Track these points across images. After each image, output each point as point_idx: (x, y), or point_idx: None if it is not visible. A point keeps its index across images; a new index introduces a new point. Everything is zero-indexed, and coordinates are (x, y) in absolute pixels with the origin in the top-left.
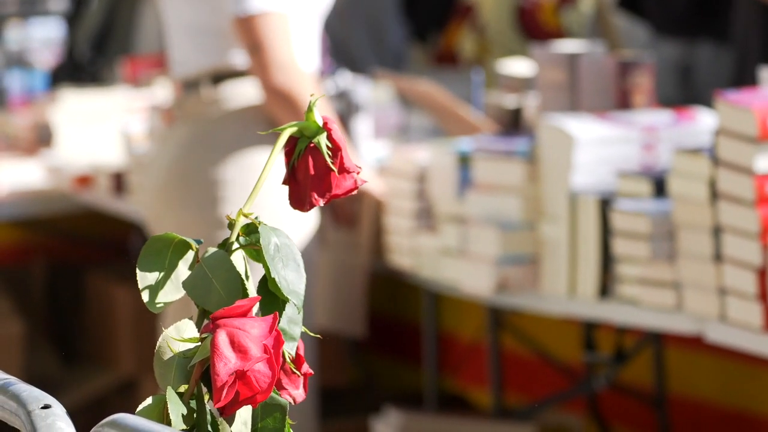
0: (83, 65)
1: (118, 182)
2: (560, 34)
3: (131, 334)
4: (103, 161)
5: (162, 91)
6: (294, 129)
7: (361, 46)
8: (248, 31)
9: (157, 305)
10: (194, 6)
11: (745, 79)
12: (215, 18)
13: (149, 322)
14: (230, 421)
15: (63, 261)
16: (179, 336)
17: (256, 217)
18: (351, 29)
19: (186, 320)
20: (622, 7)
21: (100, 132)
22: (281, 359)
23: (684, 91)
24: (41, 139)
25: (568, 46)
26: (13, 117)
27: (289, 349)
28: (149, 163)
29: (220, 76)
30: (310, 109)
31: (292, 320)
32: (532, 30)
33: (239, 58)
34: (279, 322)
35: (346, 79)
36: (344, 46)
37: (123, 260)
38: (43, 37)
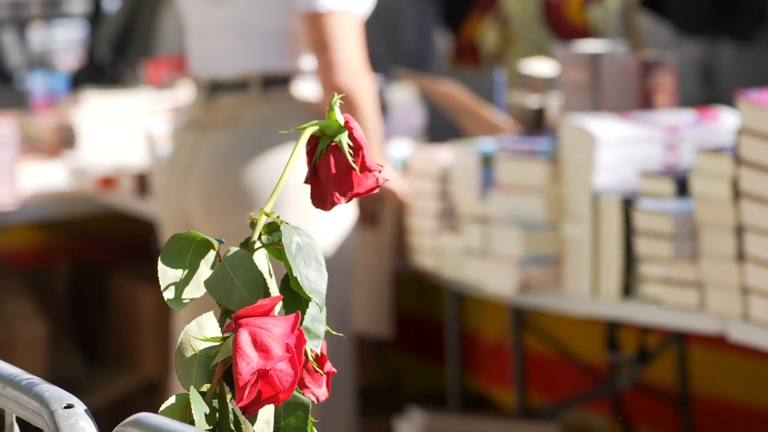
0: (104, 67)
1: (142, 183)
2: (586, 30)
3: (154, 335)
4: (127, 163)
5: (184, 93)
6: (315, 128)
7: (378, 47)
8: (318, 28)
9: (182, 302)
10: (249, 6)
11: None
12: (276, 17)
13: None
14: (253, 420)
15: (86, 262)
16: (201, 335)
17: (278, 216)
18: (368, 30)
19: (208, 315)
20: (644, 6)
21: (123, 133)
22: (304, 358)
23: (706, 91)
24: (64, 140)
25: (590, 46)
26: (36, 119)
27: (314, 347)
28: (179, 164)
29: (272, 80)
30: (331, 108)
31: (315, 318)
32: (558, 25)
33: (294, 62)
34: (302, 321)
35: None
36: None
37: (146, 261)
38: (66, 40)
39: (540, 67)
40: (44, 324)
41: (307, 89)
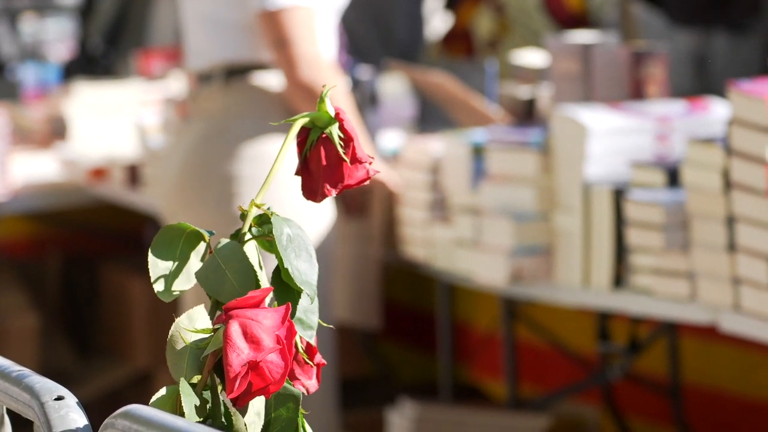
0: (96, 58)
1: (133, 175)
2: (585, 17)
3: (146, 327)
4: (118, 154)
5: (176, 84)
6: (306, 120)
7: (370, 38)
8: (274, 25)
9: (171, 294)
10: (210, 0)
11: None
12: (234, 11)
13: (164, 314)
14: (243, 412)
15: (78, 254)
16: (192, 326)
17: (269, 208)
18: (360, 22)
19: (199, 308)
20: None
21: (114, 125)
22: (294, 350)
23: (700, 82)
24: (56, 131)
25: (581, 36)
26: (27, 110)
27: (308, 337)
28: (164, 157)
29: (234, 70)
30: (322, 100)
31: (308, 309)
32: (558, 13)
33: (256, 53)
34: (293, 313)
35: (362, 72)
36: (354, 39)
37: (138, 252)
38: (57, 31)
39: (531, 57)
40: (36, 315)
41: (270, 79)
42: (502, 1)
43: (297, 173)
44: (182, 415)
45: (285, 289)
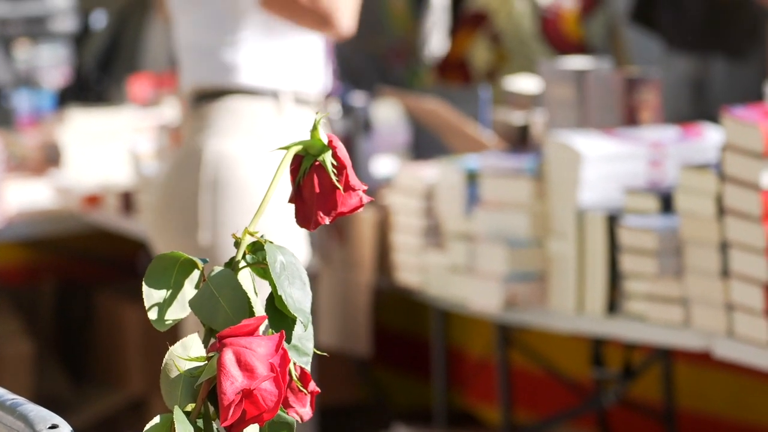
0: (90, 85)
1: (127, 201)
2: (582, 45)
3: (140, 353)
4: (112, 181)
5: (170, 110)
6: (299, 147)
7: (363, 64)
8: None
9: (166, 323)
10: (183, 25)
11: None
12: (209, 35)
13: (159, 340)
14: None
15: (72, 280)
16: (186, 355)
17: (262, 236)
18: (354, 48)
19: (193, 337)
20: (636, 20)
21: (108, 151)
22: (288, 377)
23: (697, 107)
24: (50, 158)
25: (575, 62)
26: (21, 137)
27: (303, 364)
28: (152, 184)
29: (204, 95)
30: (315, 128)
31: (302, 336)
32: (556, 40)
33: (224, 77)
34: (288, 340)
35: (356, 99)
36: (347, 65)
37: (132, 279)
38: (51, 57)
39: (524, 83)
40: (30, 342)
41: (236, 104)
42: (498, 31)
43: (290, 201)
44: None
45: (278, 316)
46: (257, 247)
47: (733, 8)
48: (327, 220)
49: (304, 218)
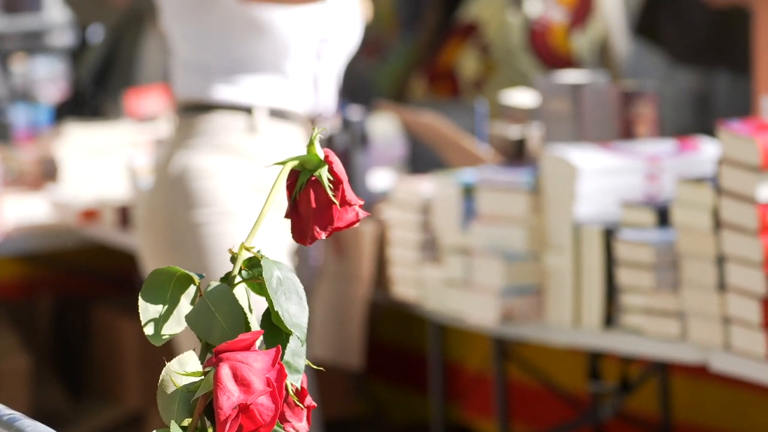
0: (86, 99)
1: (124, 216)
2: (570, 59)
3: (138, 368)
4: (109, 195)
5: (166, 125)
6: (295, 162)
7: (359, 78)
8: None
9: (162, 337)
10: (179, 35)
11: None
12: (188, 48)
13: (156, 355)
14: None
15: (69, 295)
16: (182, 370)
17: (258, 251)
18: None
19: (190, 352)
20: (640, 34)
21: (105, 166)
22: (284, 392)
23: (701, 121)
24: (47, 173)
25: (571, 76)
26: (18, 152)
27: (294, 381)
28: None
29: (187, 108)
30: (311, 143)
31: (295, 353)
32: (544, 53)
33: (202, 92)
34: (282, 356)
35: (352, 113)
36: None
37: (129, 294)
38: (48, 72)
39: (521, 97)
40: (27, 357)
41: (215, 120)
42: (486, 42)
43: (287, 216)
44: None
45: (275, 331)
46: (253, 263)
47: (737, 22)
48: (323, 235)
49: (300, 233)
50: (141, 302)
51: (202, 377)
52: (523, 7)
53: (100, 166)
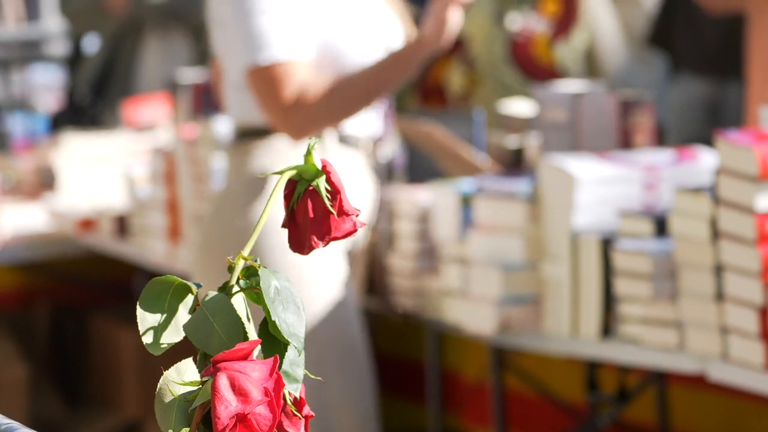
0: (84, 109)
1: (121, 225)
2: (553, 69)
3: (135, 377)
4: (106, 204)
5: (164, 134)
6: (293, 172)
7: None
8: (252, 84)
9: (159, 347)
10: (223, 62)
11: None
12: (236, 72)
13: (153, 364)
14: None
15: (67, 304)
16: (180, 379)
17: (256, 260)
18: None
19: (187, 361)
20: (652, 43)
21: (102, 175)
22: (282, 402)
23: (712, 130)
24: (44, 182)
25: (569, 86)
26: (15, 161)
27: (292, 390)
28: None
29: (241, 133)
30: (308, 152)
31: (294, 362)
32: (526, 65)
33: (252, 115)
34: (280, 365)
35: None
36: None
37: (127, 303)
38: (46, 81)
39: (519, 107)
40: (24, 366)
41: (280, 143)
42: (472, 56)
43: (284, 225)
44: None
45: (272, 341)
46: (251, 272)
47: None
48: (321, 245)
49: (297, 243)
50: (139, 311)
51: (200, 386)
52: (505, 19)
53: (97, 176)
